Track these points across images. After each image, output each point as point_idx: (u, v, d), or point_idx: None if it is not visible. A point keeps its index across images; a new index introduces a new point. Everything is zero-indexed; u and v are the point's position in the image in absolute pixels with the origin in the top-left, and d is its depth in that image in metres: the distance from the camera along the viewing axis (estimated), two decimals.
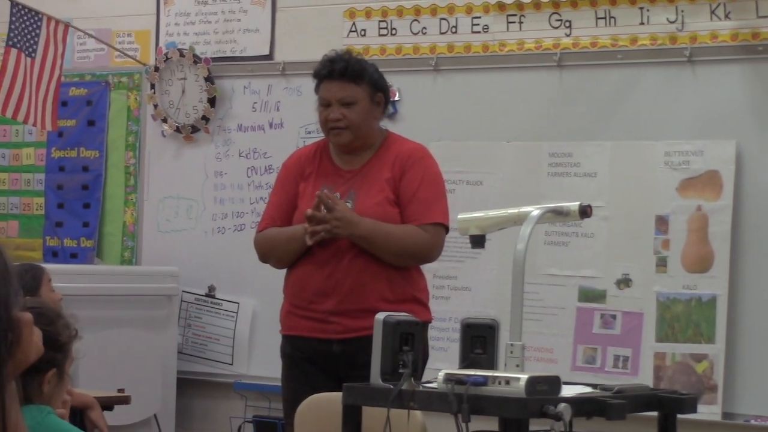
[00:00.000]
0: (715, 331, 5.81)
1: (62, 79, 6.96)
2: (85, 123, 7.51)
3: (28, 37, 6.82)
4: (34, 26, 6.84)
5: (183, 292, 7.07)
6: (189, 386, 7.06)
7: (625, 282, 6.00)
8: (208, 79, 7.11)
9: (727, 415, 5.79)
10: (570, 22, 6.24)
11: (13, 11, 6.82)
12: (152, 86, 7.29)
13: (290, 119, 6.91)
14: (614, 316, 6.02)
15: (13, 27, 6.81)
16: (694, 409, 3.75)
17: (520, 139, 6.28)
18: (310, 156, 4.95)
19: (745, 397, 5.79)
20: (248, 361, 6.94)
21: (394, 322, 3.57)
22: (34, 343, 1.90)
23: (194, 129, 7.17)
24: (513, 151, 6.30)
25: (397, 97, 6.48)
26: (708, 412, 5.69)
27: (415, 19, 6.62)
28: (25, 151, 7.72)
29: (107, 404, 5.37)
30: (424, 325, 4.84)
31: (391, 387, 3.47)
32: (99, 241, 7.44)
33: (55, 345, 3.06)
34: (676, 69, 6.01)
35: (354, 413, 3.59)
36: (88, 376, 6.03)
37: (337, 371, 4.65)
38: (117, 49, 7.39)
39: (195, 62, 7.15)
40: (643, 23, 6.09)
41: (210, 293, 7.08)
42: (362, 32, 6.74)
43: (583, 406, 3.37)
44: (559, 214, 3.70)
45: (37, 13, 6.87)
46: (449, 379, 3.34)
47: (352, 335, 4.68)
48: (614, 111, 6.12)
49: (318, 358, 4.78)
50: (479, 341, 3.55)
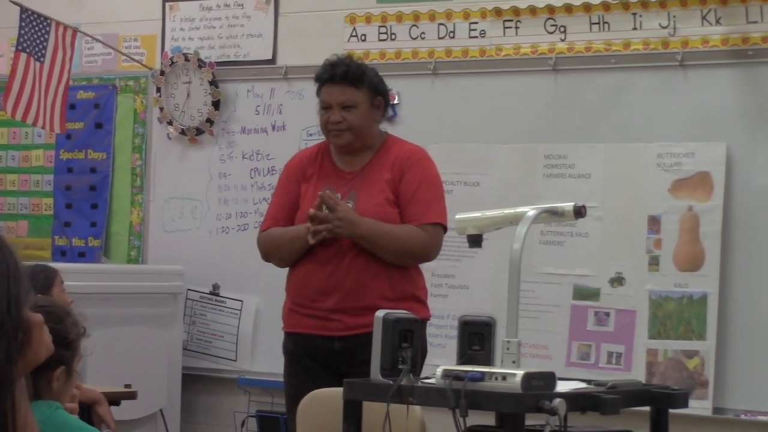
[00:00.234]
0: (705, 328, 5.81)
1: (70, 83, 6.96)
2: (92, 125, 7.51)
3: (38, 42, 6.82)
4: (43, 31, 6.84)
5: (188, 290, 7.07)
6: (194, 382, 7.06)
7: (618, 280, 6.00)
8: (213, 83, 7.11)
9: (717, 410, 5.79)
10: (565, 27, 6.24)
11: (23, 17, 6.82)
12: (158, 90, 7.29)
13: (292, 122, 6.91)
14: (608, 314, 6.02)
15: (22, 32, 6.81)
16: (685, 404, 3.76)
17: (517, 141, 6.28)
18: (312, 158, 4.95)
19: (735, 393, 5.79)
20: (251, 358, 6.94)
21: (394, 320, 3.57)
22: (45, 342, 1.90)
23: (199, 131, 7.17)
24: (509, 153, 6.30)
25: (396, 101, 6.48)
26: (699, 407, 5.69)
27: (414, 25, 6.62)
28: (35, 152, 7.72)
29: (114, 399, 5.37)
30: (423, 323, 4.85)
31: (391, 383, 3.48)
32: (106, 241, 7.44)
33: (64, 343, 3.07)
34: (668, 73, 6.01)
35: (354, 408, 3.60)
36: (95, 372, 6.02)
37: (338, 367, 4.65)
38: (124, 54, 7.39)
39: (200, 66, 7.15)
40: (636, 28, 6.09)
41: (214, 291, 7.08)
42: (362, 37, 6.74)
43: (578, 401, 3.38)
44: (554, 214, 3.70)
45: (46, 19, 6.87)
46: (447, 374, 3.34)
47: (353, 332, 4.69)
48: (608, 114, 6.12)
49: (319, 355, 4.78)
50: (476, 338, 3.56)
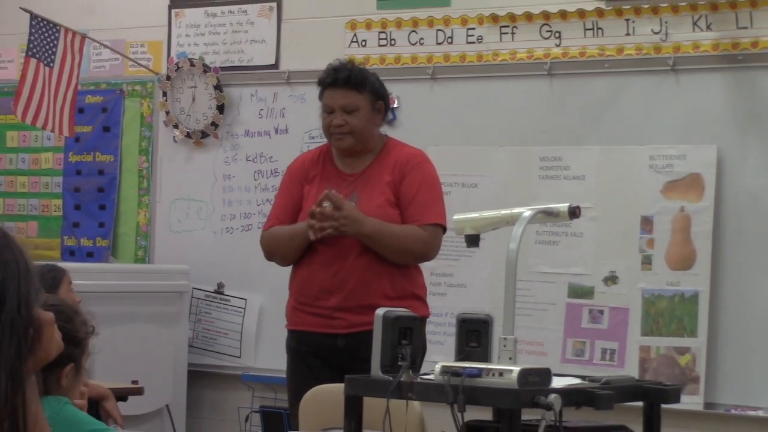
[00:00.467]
0: (697, 325, 5.82)
1: (79, 88, 6.96)
2: (100, 129, 7.51)
3: (47, 47, 6.82)
4: (53, 37, 6.84)
5: (193, 288, 7.07)
6: (199, 378, 7.06)
7: (612, 279, 6.00)
8: (217, 87, 7.12)
9: (708, 405, 5.80)
10: (560, 33, 6.25)
11: (33, 23, 6.83)
12: (164, 94, 7.29)
13: (295, 125, 6.91)
14: (602, 312, 6.02)
15: (32, 38, 6.82)
16: (677, 400, 3.76)
17: (513, 144, 6.28)
18: (314, 160, 4.95)
19: (725, 388, 5.79)
20: (255, 354, 6.94)
21: (393, 317, 3.57)
22: (55, 340, 1.90)
23: (204, 134, 7.17)
24: (506, 156, 6.30)
25: (395, 104, 6.48)
26: (691, 402, 5.69)
27: (413, 31, 6.62)
28: (44, 155, 7.72)
29: (121, 395, 5.37)
30: (423, 320, 4.86)
31: (391, 379, 3.48)
32: (114, 241, 7.44)
33: (73, 341, 3.06)
34: (660, 77, 6.01)
35: (355, 403, 3.60)
36: (103, 369, 6.03)
37: (341, 364, 4.64)
38: (131, 59, 7.40)
39: (205, 71, 7.16)
40: (628, 34, 6.09)
41: (219, 290, 7.08)
42: (363, 43, 6.74)
43: (573, 397, 3.38)
44: (550, 214, 3.70)
45: (55, 25, 6.87)
46: (446, 371, 3.34)
47: (356, 330, 4.69)
48: (602, 117, 6.12)
49: (322, 352, 4.78)
50: (474, 335, 3.56)
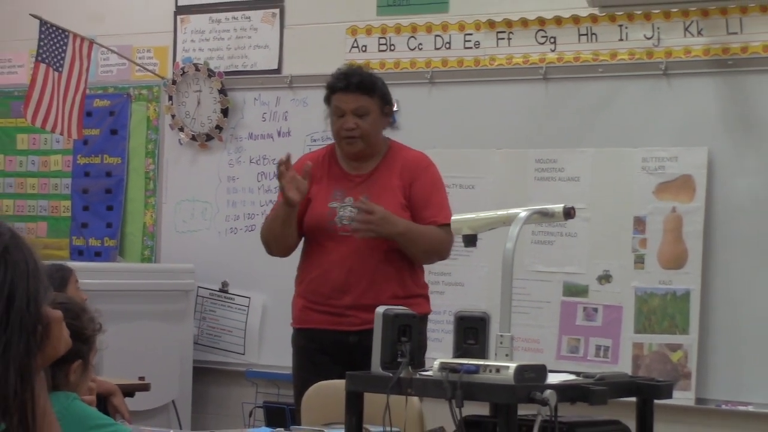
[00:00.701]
0: (688, 322, 5.81)
1: (87, 92, 6.96)
2: (108, 132, 7.51)
3: (56, 53, 6.82)
4: (62, 43, 6.84)
5: (198, 287, 7.07)
6: (204, 374, 7.06)
7: (605, 278, 6.00)
8: (222, 92, 7.11)
9: (700, 401, 5.79)
10: (555, 38, 6.24)
11: (42, 29, 6.83)
12: (170, 98, 7.29)
13: (297, 128, 6.91)
14: (596, 309, 6.02)
15: (42, 44, 6.82)
16: (669, 395, 3.75)
17: (509, 146, 6.28)
18: (319, 160, 4.94)
19: (716, 384, 5.79)
20: (259, 351, 6.94)
21: (393, 315, 3.57)
22: (64, 337, 1.90)
23: (209, 137, 7.17)
24: (502, 158, 6.30)
25: (395, 108, 6.46)
26: (683, 397, 5.69)
27: (412, 36, 6.62)
28: (53, 158, 7.72)
29: (129, 391, 5.37)
30: (425, 317, 4.88)
31: (391, 375, 3.47)
32: (121, 241, 7.44)
33: (81, 338, 3.06)
34: (652, 81, 6.01)
35: (356, 399, 3.59)
36: (111, 365, 6.02)
37: (353, 360, 4.60)
38: (137, 64, 7.39)
39: (209, 76, 7.16)
40: (622, 39, 6.09)
41: (223, 288, 7.08)
42: (363, 48, 6.74)
43: (568, 392, 3.37)
44: (545, 215, 3.70)
45: (64, 31, 6.87)
46: (444, 367, 3.34)
47: (368, 327, 4.67)
48: (596, 120, 6.12)
49: (333, 349, 4.75)
50: (471, 332, 3.55)
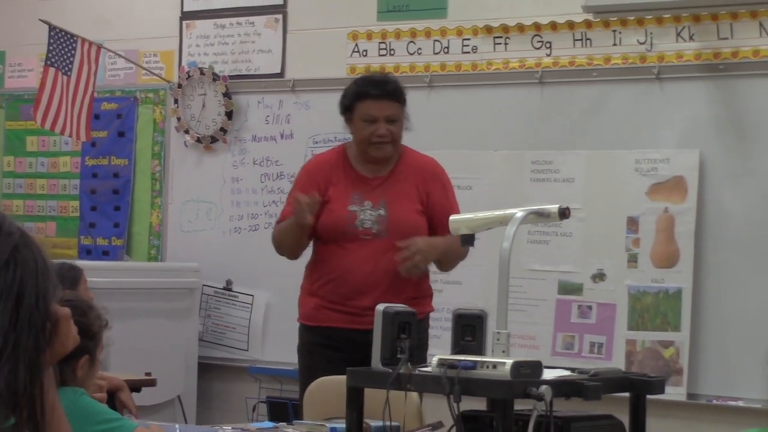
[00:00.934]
0: (680, 320, 5.81)
1: (95, 95, 6.96)
2: (115, 134, 7.50)
3: (65, 57, 6.82)
4: (70, 48, 6.84)
5: (203, 285, 7.07)
6: (209, 370, 7.06)
7: (599, 276, 6.00)
8: (226, 95, 7.11)
9: (691, 396, 5.79)
10: (550, 43, 6.24)
11: (51, 34, 6.83)
12: (176, 101, 7.29)
13: (299, 131, 6.90)
14: (590, 307, 6.01)
15: (51, 48, 6.81)
16: (662, 391, 3.75)
17: (506, 148, 6.28)
18: (333, 163, 4.92)
19: (707, 380, 5.78)
20: (262, 348, 6.94)
21: (393, 313, 3.57)
22: (72, 334, 1.90)
23: (213, 139, 7.17)
24: (499, 159, 6.30)
25: None
26: (674, 393, 5.69)
27: (411, 41, 6.61)
28: (62, 159, 7.72)
29: (135, 386, 5.36)
30: (428, 316, 4.89)
31: (390, 371, 3.47)
32: (128, 240, 7.44)
33: (88, 334, 3.06)
34: (645, 85, 6.01)
35: (357, 395, 3.59)
36: (118, 361, 6.02)
37: (366, 358, 4.54)
38: (144, 68, 7.39)
39: (214, 79, 7.15)
40: (615, 44, 6.09)
41: (227, 287, 7.07)
42: (364, 53, 6.73)
43: (563, 388, 3.37)
44: (541, 215, 3.70)
45: (72, 36, 6.87)
46: (442, 363, 3.34)
47: None
48: (590, 123, 6.11)
49: (347, 346, 4.69)
50: (469, 330, 3.55)
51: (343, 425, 3.67)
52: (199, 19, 7.29)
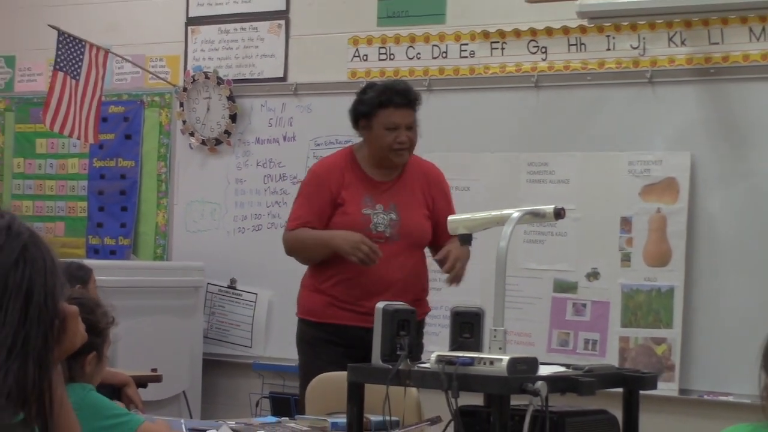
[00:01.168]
0: (672, 317, 5.81)
1: (103, 99, 6.96)
2: (122, 137, 7.50)
3: (73, 61, 6.82)
4: (78, 52, 6.84)
5: (208, 284, 7.07)
6: (213, 366, 7.05)
7: (594, 275, 6.00)
8: (230, 98, 7.11)
9: (683, 391, 5.79)
10: (546, 48, 6.24)
11: (60, 39, 6.82)
12: (181, 104, 7.29)
13: (301, 133, 6.90)
14: (584, 305, 6.01)
15: (59, 53, 6.81)
16: (654, 386, 3.75)
17: (503, 150, 6.27)
18: (343, 166, 4.89)
19: (698, 376, 5.78)
20: (265, 345, 6.93)
21: (392, 311, 3.57)
22: (80, 332, 1.90)
23: (218, 142, 7.17)
24: (496, 161, 6.29)
25: None
26: (667, 388, 5.68)
27: (411, 46, 6.61)
28: (70, 161, 7.72)
29: (142, 382, 5.36)
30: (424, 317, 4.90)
31: (390, 367, 3.47)
32: (135, 240, 7.43)
33: (96, 331, 3.06)
34: (638, 89, 6.00)
35: (358, 390, 3.59)
36: (125, 358, 6.02)
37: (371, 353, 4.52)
38: (150, 72, 7.39)
39: (218, 83, 7.15)
40: (609, 49, 6.09)
41: (231, 285, 7.07)
42: (364, 57, 6.73)
43: (558, 384, 3.37)
44: (537, 215, 3.70)
45: (80, 41, 6.86)
46: (441, 360, 3.33)
47: None
48: (584, 126, 6.11)
49: (352, 343, 4.67)
50: (467, 327, 3.55)
51: (344, 420, 3.67)
52: (204, 24, 7.28)
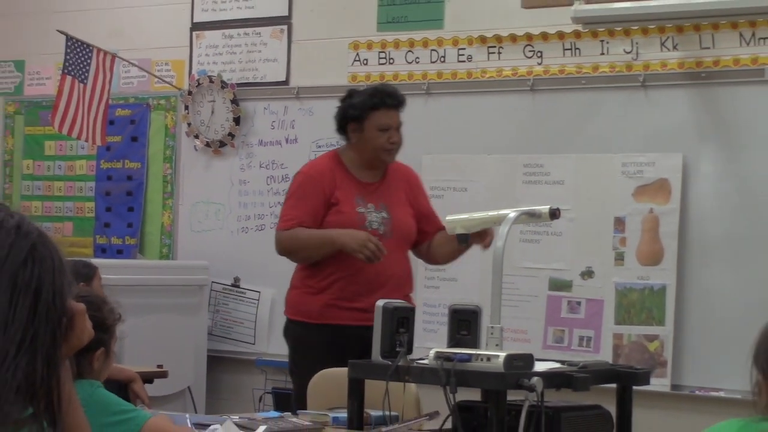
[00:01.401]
0: (664, 315, 5.81)
1: (110, 102, 6.95)
2: (129, 139, 7.50)
3: (81, 66, 6.81)
4: (86, 57, 6.83)
5: (212, 282, 7.06)
6: (218, 363, 7.05)
7: (588, 274, 5.99)
8: (234, 102, 7.11)
9: (675, 387, 5.79)
10: (541, 52, 6.24)
11: (68, 44, 6.82)
12: (186, 107, 7.28)
13: (303, 135, 6.90)
14: (579, 303, 6.01)
15: (68, 57, 6.81)
16: (647, 382, 3.76)
17: (499, 152, 6.27)
18: (332, 167, 4.91)
19: (690, 372, 5.78)
20: (268, 341, 6.93)
21: (392, 308, 3.57)
22: (87, 329, 1.90)
23: (222, 144, 7.16)
24: (493, 163, 6.29)
25: None
26: (659, 384, 5.68)
27: (410, 50, 6.61)
28: (78, 163, 7.71)
29: (148, 378, 5.37)
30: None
31: (390, 363, 3.47)
32: (141, 240, 7.43)
33: (102, 327, 3.06)
34: (631, 92, 6.00)
35: (358, 386, 3.59)
36: (131, 354, 6.02)
37: (367, 352, 4.48)
38: (156, 76, 7.39)
39: (222, 87, 7.15)
40: (603, 53, 6.08)
41: (235, 283, 7.07)
42: (364, 61, 6.73)
43: (553, 379, 3.37)
44: (532, 215, 3.70)
45: (88, 46, 6.86)
46: (439, 356, 3.34)
47: None
48: (579, 128, 6.11)
49: (352, 341, 4.65)
50: (464, 324, 3.55)
51: (345, 415, 3.67)
52: (208, 29, 7.28)
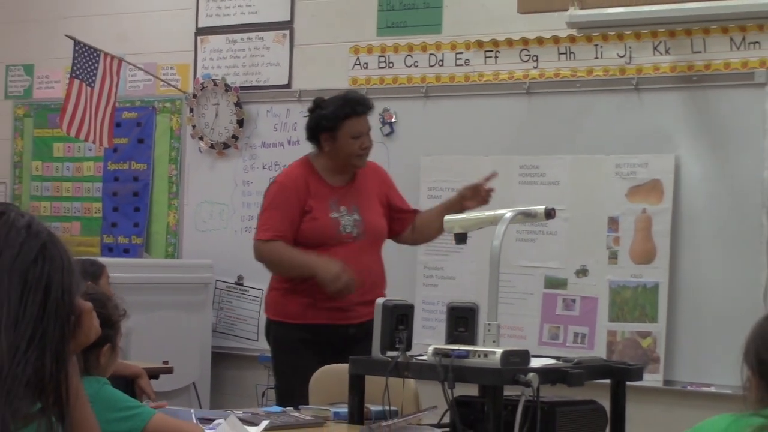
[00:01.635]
0: (657, 312, 5.81)
1: (116, 105, 6.95)
2: (135, 141, 7.50)
3: (89, 70, 6.82)
4: (93, 61, 6.84)
5: (216, 280, 7.06)
6: (222, 359, 7.05)
7: (583, 272, 5.99)
8: (237, 104, 7.11)
9: (667, 382, 5.79)
10: (537, 56, 6.24)
11: (76, 48, 6.83)
12: (191, 110, 7.29)
13: (305, 137, 6.88)
14: (574, 300, 6.01)
15: (75, 62, 6.81)
16: (640, 378, 3.76)
17: (496, 153, 6.27)
18: (306, 175, 4.92)
19: (682, 368, 5.78)
20: None
21: (392, 306, 3.57)
22: (94, 326, 1.90)
23: (226, 146, 7.17)
24: (490, 164, 6.27)
25: (393, 120, 6.49)
26: (652, 379, 5.68)
27: (409, 54, 6.61)
28: (86, 164, 7.72)
29: (153, 374, 5.37)
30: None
31: (389, 360, 3.47)
32: (147, 239, 7.43)
33: (108, 323, 3.06)
34: (624, 95, 6.00)
35: (359, 381, 3.60)
36: (138, 351, 6.02)
37: (350, 348, 4.49)
38: (162, 80, 7.39)
39: (226, 90, 7.15)
40: (597, 57, 6.09)
41: (239, 282, 7.07)
42: (365, 65, 6.73)
43: (549, 375, 3.37)
44: (528, 215, 3.70)
45: (95, 50, 6.87)
46: (437, 353, 3.34)
47: (366, 319, 4.65)
48: (574, 130, 6.11)
49: (333, 339, 4.69)
50: (462, 321, 3.55)
51: (346, 409, 3.67)
52: (212, 34, 7.28)
